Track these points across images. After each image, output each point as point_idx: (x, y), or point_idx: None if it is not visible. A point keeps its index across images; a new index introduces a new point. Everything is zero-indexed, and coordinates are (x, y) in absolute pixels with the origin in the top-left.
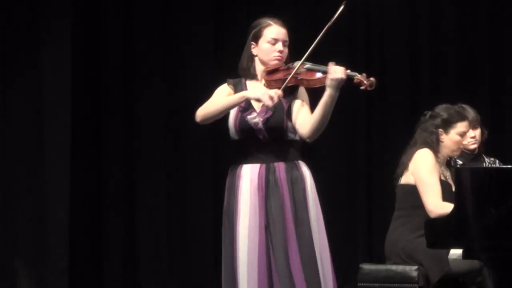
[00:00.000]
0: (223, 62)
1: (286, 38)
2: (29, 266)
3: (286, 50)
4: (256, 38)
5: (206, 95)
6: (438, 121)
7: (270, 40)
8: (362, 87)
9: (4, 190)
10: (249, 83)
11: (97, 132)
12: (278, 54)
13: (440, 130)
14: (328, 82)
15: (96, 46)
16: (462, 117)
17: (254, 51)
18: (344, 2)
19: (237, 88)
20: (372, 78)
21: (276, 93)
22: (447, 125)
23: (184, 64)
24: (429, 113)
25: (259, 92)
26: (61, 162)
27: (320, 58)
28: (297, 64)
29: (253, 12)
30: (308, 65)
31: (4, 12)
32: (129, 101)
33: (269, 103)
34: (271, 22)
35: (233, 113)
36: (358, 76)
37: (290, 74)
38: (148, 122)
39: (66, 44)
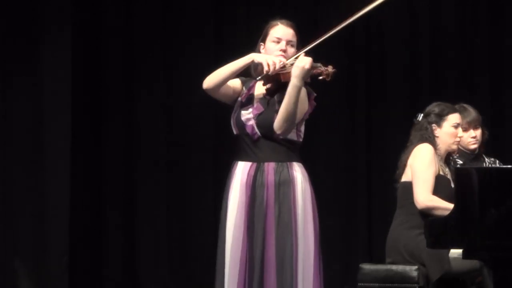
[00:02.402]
0: (223, 61)
1: (292, 39)
2: (29, 266)
3: (290, 50)
4: (264, 38)
5: (206, 94)
6: (430, 117)
7: (275, 39)
8: (320, 77)
9: (4, 190)
10: (259, 84)
11: (97, 132)
12: (279, 53)
13: (434, 125)
14: (292, 70)
15: (96, 46)
16: (453, 109)
17: (262, 51)
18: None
19: (246, 86)
20: (331, 69)
21: (280, 61)
22: (439, 119)
23: (184, 64)
24: (421, 115)
25: (265, 56)
26: (61, 162)
27: (320, 57)
28: (288, 61)
29: (253, 11)
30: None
31: (4, 12)
32: (129, 101)
33: (267, 68)
34: (278, 22)
35: (234, 107)
36: (320, 68)
37: (279, 71)
38: (148, 122)
39: (66, 44)
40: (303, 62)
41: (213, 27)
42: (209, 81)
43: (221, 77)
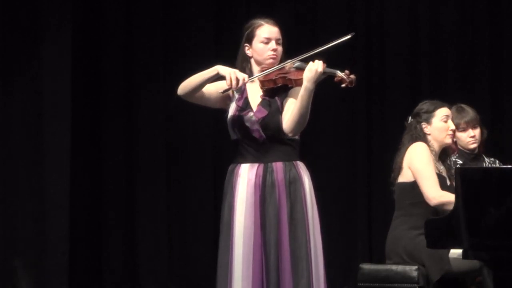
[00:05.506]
0: (223, 61)
1: (279, 36)
2: (29, 266)
3: (280, 48)
4: (249, 39)
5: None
6: (419, 116)
7: (263, 40)
8: (343, 85)
9: (4, 190)
10: (248, 85)
11: (97, 132)
12: (272, 53)
13: (423, 123)
14: (304, 74)
15: (96, 46)
16: (441, 104)
17: (249, 52)
18: (352, 34)
19: (237, 89)
20: (352, 76)
21: (244, 78)
22: (428, 115)
23: (184, 63)
24: (410, 117)
25: (229, 71)
26: (61, 162)
27: (320, 57)
28: (287, 63)
29: (253, 11)
30: (297, 63)
31: (4, 12)
32: (129, 101)
33: (229, 83)
34: (263, 22)
35: (231, 112)
36: (339, 74)
37: (281, 74)
38: (148, 123)
39: (66, 44)
40: (316, 65)
41: (213, 27)
42: (181, 89)
43: (191, 86)
